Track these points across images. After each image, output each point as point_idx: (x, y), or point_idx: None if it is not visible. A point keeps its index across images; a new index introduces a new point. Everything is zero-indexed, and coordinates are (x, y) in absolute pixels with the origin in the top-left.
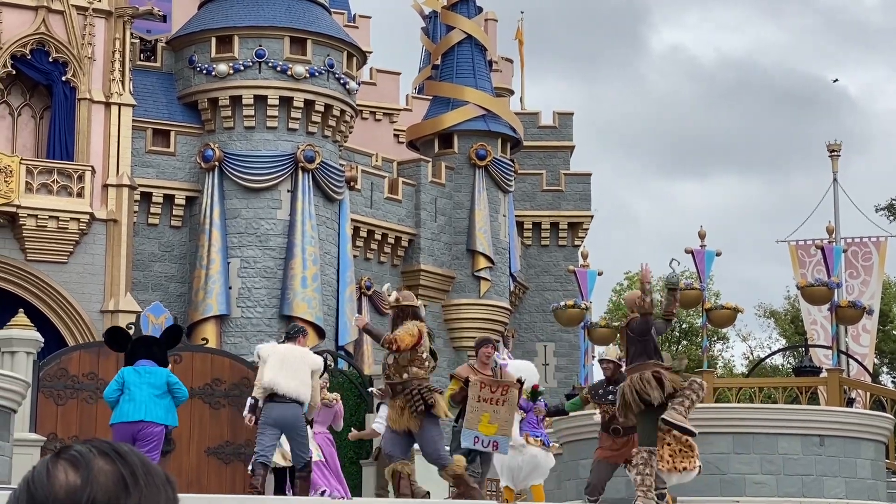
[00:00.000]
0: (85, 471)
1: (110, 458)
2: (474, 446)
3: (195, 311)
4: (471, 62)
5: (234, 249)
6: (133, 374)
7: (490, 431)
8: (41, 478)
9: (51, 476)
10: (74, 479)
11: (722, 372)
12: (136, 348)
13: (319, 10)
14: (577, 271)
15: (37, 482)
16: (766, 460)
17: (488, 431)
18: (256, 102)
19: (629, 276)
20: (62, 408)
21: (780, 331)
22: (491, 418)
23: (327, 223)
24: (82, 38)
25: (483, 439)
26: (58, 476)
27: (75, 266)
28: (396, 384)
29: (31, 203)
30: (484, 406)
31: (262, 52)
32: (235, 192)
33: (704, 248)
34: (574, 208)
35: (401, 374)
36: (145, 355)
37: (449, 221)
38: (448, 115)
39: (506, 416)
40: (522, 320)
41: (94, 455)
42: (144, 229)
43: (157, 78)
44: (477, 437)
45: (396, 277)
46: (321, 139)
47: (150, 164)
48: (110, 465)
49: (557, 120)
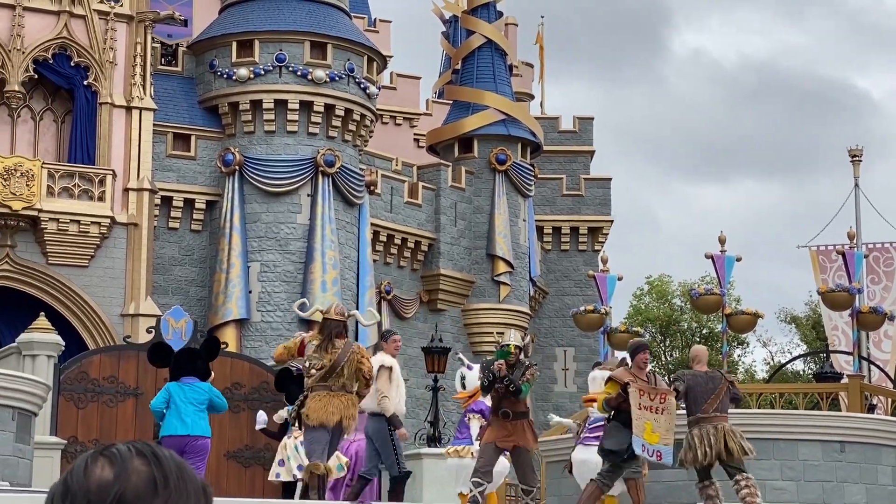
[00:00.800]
0: (119, 468)
1: (147, 459)
2: (642, 454)
3: (215, 315)
4: (491, 67)
5: (254, 253)
6: (178, 389)
7: (654, 440)
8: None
9: (88, 469)
10: (108, 475)
11: (742, 377)
12: (179, 363)
13: (340, 15)
14: (596, 276)
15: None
16: (786, 466)
17: (652, 440)
18: (277, 107)
19: (650, 281)
20: (83, 411)
21: (801, 336)
22: (653, 427)
23: (347, 227)
24: (104, 43)
25: (648, 448)
26: (94, 470)
27: (96, 270)
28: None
29: (52, 207)
30: (645, 414)
31: (282, 56)
32: (256, 196)
33: (724, 254)
34: (594, 213)
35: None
36: (189, 371)
37: (469, 226)
38: (468, 120)
39: (666, 424)
40: (542, 325)
41: (132, 455)
42: (165, 233)
43: (177, 82)
44: (644, 445)
45: (416, 282)
46: (341, 143)
47: (170, 168)
48: (145, 467)
49: (577, 124)
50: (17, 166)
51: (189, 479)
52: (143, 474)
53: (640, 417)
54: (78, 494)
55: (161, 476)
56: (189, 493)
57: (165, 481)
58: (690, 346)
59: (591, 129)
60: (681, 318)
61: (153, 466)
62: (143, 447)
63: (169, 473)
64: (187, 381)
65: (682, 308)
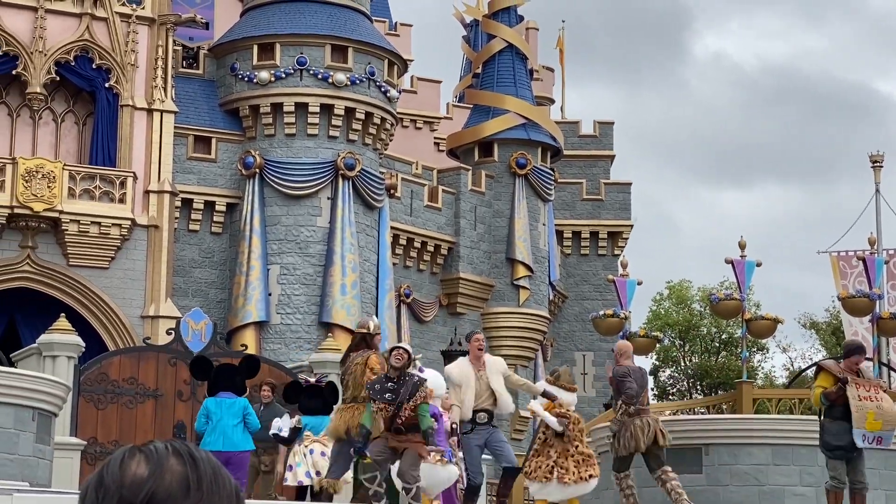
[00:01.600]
0: (155, 466)
1: (183, 459)
2: (863, 444)
3: (234, 318)
4: (511, 71)
5: (273, 256)
6: (215, 405)
7: (875, 427)
8: (115, 463)
9: (124, 464)
10: (143, 471)
11: (762, 383)
12: (217, 379)
13: (361, 18)
14: (616, 280)
15: (110, 467)
16: (805, 472)
17: (873, 428)
18: (297, 110)
19: (669, 286)
20: (102, 412)
21: (822, 342)
22: (875, 415)
23: (367, 230)
24: (125, 45)
25: (868, 436)
26: (130, 465)
27: (116, 271)
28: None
29: (73, 209)
30: (867, 404)
31: (303, 59)
32: (276, 199)
33: (744, 259)
34: (614, 217)
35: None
36: (226, 386)
37: (488, 230)
38: (488, 124)
39: (890, 410)
40: (561, 329)
41: (169, 453)
42: (185, 235)
43: (198, 85)
44: (864, 434)
45: (436, 285)
46: (361, 147)
47: (191, 170)
48: (180, 467)
49: (598, 129)
50: (38, 168)
51: (223, 483)
52: (178, 474)
53: (860, 409)
54: (111, 488)
55: (195, 478)
56: (221, 497)
57: (199, 483)
58: (710, 352)
59: (611, 133)
60: (700, 323)
61: (188, 467)
62: (180, 446)
63: (203, 476)
64: (224, 395)
65: (701, 313)
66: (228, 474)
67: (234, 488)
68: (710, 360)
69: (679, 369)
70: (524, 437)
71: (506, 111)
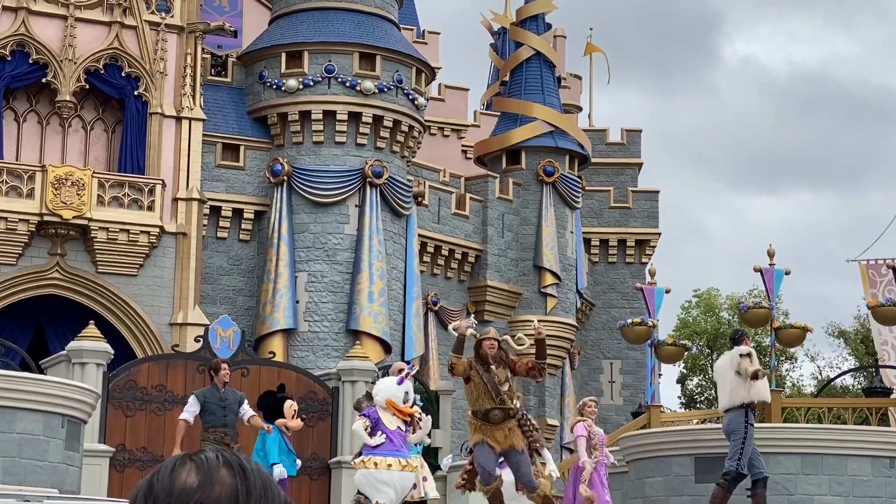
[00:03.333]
0: (205, 476)
1: (234, 471)
2: None
3: (262, 325)
4: (539, 78)
5: (301, 264)
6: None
7: None
8: (166, 471)
9: (174, 472)
10: (193, 481)
11: (790, 392)
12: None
13: (389, 26)
14: (644, 289)
15: (161, 474)
16: (835, 481)
17: None
18: (325, 117)
19: (697, 294)
20: (131, 419)
21: (850, 351)
22: None
23: (395, 238)
24: (154, 54)
25: None
26: (180, 474)
27: (145, 279)
28: (510, 408)
29: (102, 216)
30: None
31: (331, 67)
32: (303, 206)
33: (773, 267)
34: (642, 225)
35: (513, 399)
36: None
37: (516, 237)
38: (516, 132)
39: None
40: (589, 337)
41: (220, 464)
42: (213, 243)
43: (227, 93)
44: None
45: (463, 293)
46: (389, 154)
47: (219, 178)
48: (231, 479)
49: (626, 137)
50: (67, 175)
51: (272, 496)
52: (228, 486)
53: None
54: (160, 496)
55: (244, 490)
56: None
57: (248, 496)
58: None
59: (638, 141)
60: (728, 332)
61: (238, 479)
62: (231, 457)
63: (252, 489)
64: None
65: (729, 321)
66: (279, 488)
67: (284, 502)
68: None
69: (707, 378)
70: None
71: (533, 119)
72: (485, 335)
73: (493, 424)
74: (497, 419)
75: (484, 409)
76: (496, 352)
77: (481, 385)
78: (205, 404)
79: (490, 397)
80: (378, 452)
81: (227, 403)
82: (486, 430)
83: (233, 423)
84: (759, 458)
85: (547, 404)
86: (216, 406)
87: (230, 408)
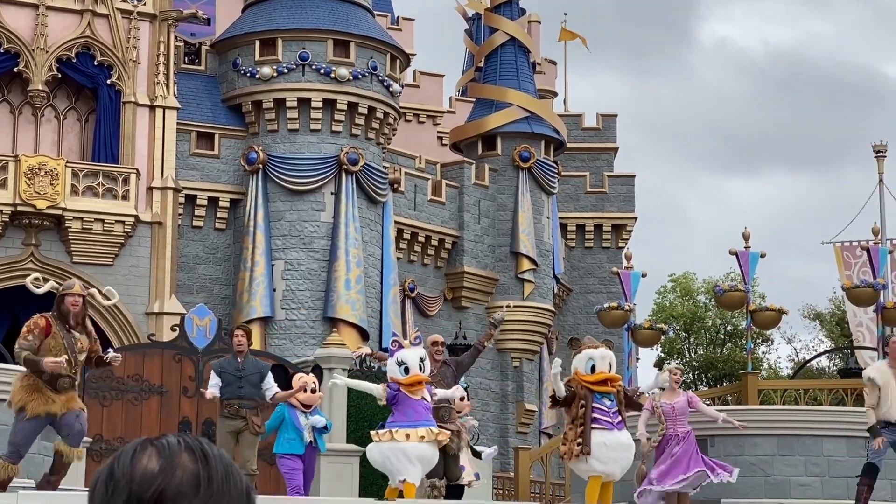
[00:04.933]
0: (166, 462)
1: (196, 456)
2: None
3: (239, 314)
4: (514, 64)
5: (277, 252)
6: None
7: None
8: (126, 457)
9: (135, 457)
10: (154, 466)
11: (767, 374)
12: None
13: (363, 13)
14: (620, 273)
15: (121, 460)
16: (811, 462)
17: None
18: (300, 105)
19: (674, 278)
20: (107, 409)
21: (826, 332)
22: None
23: (371, 225)
24: (127, 42)
25: None
26: (141, 459)
27: (120, 268)
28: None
29: (76, 206)
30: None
31: (305, 54)
32: (279, 194)
33: (749, 250)
34: (618, 210)
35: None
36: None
37: (492, 223)
38: (491, 118)
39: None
40: (566, 322)
41: (182, 449)
42: (189, 232)
43: (201, 81)
44: None
45: (440, 280)
46: (365, 141)
47: (194, 166)
48: (192, 464)
49: (601, 122)
50: (41, 165)
51: (234, 482)
52: (189, 471)
53: None
54: (121, 481)
55: (206, 476)
56: (232, 496)
57: (209, 482)
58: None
59: (614, 125)
60: (705, 315)
61: (200, 464)
62: (193, 442)
63: (214, 474)
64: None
65: (706, 305)
66: (240, 473)
67: (245, 488)
68: (716, 352)
69: (684, 361)
70: (529, 431)
71: (509, 105)
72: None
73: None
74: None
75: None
76: (80, 309)
77: (61, 347)
78: (221, 374)
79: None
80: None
81: (245, 374)
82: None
83: (251, 395)
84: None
85: (525, 389)
86: (231, 377)
87: (248, 379)
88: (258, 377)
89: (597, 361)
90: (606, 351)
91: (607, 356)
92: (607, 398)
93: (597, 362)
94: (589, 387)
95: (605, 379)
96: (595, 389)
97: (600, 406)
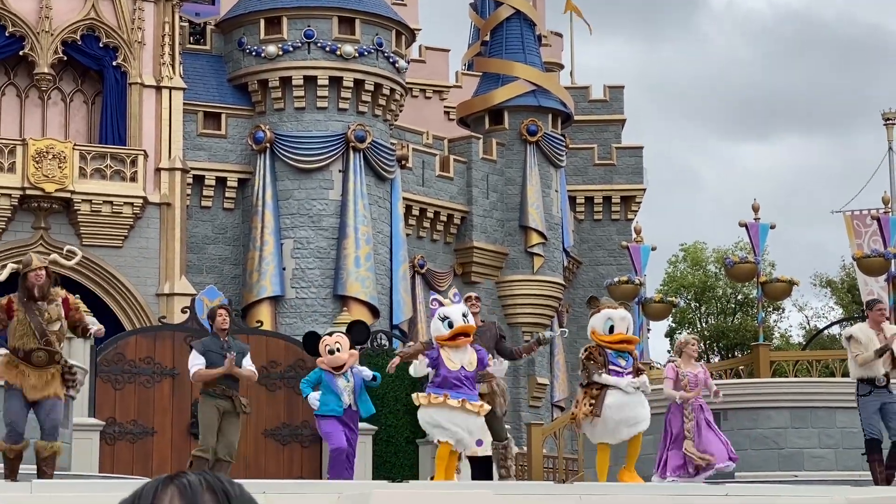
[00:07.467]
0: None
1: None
2: None
3: (249, 293)
4: (520, 37)
5: (286, 230)
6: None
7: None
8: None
9: (157, 496)
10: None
11: (779, 343)
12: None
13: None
14: (630, 247)
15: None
16: (824, 434)
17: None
18: (306, 83)
19: (684, 248)
20: (119, 392)
21: (837, 300)
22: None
23: (379, 202)
24: (132, 23)
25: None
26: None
27: (130, 250)
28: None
29: (84, 188)
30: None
31: (310, 32)
32: (287, 173)
33: (758, 221)
34: (626, 182)
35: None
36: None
37: (501, 198)
38: (498, 92)
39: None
40: (576, 295)
41: (203, 489)
42: (198, 212)
43: (206, 61)
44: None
45: (450, 255)
46: (371, 118)
47: (201, 146)
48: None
49: (608, 93)
50: (48, 148)
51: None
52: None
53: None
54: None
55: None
56: None
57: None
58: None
59: (621, 97)
60: (716, 285)
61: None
62: (215, 482)
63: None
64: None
65: (716, 274)
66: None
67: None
68: (727, 322)
69: (695, 331)
70: (541, 405)
71: (515, 78)
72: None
73: (34, 367)
74: (41, 362)
75: (27, 349)
76: (44, 281)
77: (25, 325)
78: (205, 353)
79: (34, 336)
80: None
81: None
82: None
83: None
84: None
85: (537, 363)
86: (217, 355)
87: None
88: (241, 357)
89: (616, 322)
90: (625, 312)
91: (626, 318)
92: (622, 357)
93: (616, 323)
94: (607, 345)
95: (623, 339)
96: (613, 348)
97: (616, 366)
